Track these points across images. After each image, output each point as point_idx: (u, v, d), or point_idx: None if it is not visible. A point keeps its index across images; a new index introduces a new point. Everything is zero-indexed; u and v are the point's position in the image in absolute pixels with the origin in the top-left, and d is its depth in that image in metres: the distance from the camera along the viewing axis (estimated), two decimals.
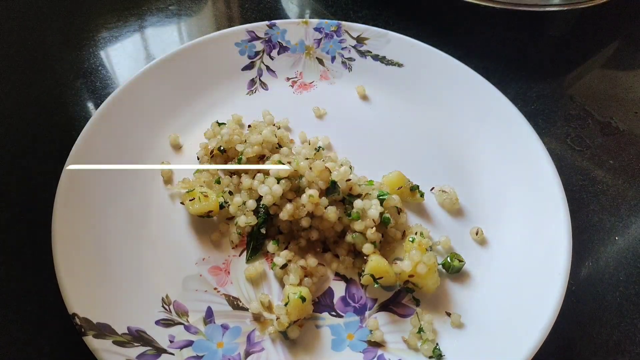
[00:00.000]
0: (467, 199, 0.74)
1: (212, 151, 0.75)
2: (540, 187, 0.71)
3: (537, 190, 0.71)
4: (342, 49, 0.91)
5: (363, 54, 0.90)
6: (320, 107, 0.84)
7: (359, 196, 0.68)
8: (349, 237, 0.65)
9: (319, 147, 0.77)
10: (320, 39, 0.91)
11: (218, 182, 0.73)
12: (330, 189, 0.67)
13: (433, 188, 0.74)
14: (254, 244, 0.68)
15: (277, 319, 0.59)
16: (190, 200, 0.67)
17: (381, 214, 0.66)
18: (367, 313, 0.63)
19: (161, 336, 0.58)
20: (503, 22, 1.06)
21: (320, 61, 0.91)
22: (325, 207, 0.65)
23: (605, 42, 1.07)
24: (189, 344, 0.59)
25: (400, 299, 0.64)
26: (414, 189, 0.72)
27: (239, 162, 0.73)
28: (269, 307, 0.63)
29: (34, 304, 0.64)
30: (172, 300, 0.62)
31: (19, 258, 0.67)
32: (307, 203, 0.64)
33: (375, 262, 0.62)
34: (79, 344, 0.55)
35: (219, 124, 0.79)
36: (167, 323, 0.60)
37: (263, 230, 0.67)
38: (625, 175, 0.83)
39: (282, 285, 0.65)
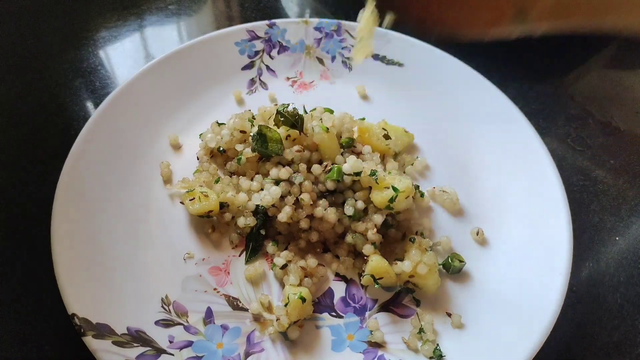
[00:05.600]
0: (467, 199, 0.74)
1: (212, 151, 0.75)
2: (541, 187, 0.70)
3: (537, 190, 0.71)
4: (343, 48, 0.91)
5: None
6: (321, 107, 0.84)
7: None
8: (349, 238, 0.65)
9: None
10: (321, 39, 0.91)
11: (218, 182, 0.73)
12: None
13: (433, 188, 0.74)
14: (253, 245, 0.68)
15: (277, 319, 0.59)
16: (190, 200, 0.67)
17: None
18: (367, 313, 0.63)
19: (161, 336, 0.58)
20: None
21: (321, 61, 0.91)
22: (325, 209, 0.65)
23: (605, 42, 1.07)
24: (189, 344, 0.58)
25: (400, 299, 0.64)
26: (414, 189, 0.72)
27: (239, 163, 0.72)
28: (269, 308, 0.63)
29: (34, 304, 0.63)
30: (171, 301, 0.62)
31: (18, 258, 0.67)
32: (304, 205, 0.64)
33: (375, 263, 0.62)
34: (79, 344, 0.55)
35: (219, 124, 0.79)
36: (166, 323, 0.60)
37: (262, 232, 0.67)
38: (626, 175, 0.82)
39: (282, 285, 0.65)
